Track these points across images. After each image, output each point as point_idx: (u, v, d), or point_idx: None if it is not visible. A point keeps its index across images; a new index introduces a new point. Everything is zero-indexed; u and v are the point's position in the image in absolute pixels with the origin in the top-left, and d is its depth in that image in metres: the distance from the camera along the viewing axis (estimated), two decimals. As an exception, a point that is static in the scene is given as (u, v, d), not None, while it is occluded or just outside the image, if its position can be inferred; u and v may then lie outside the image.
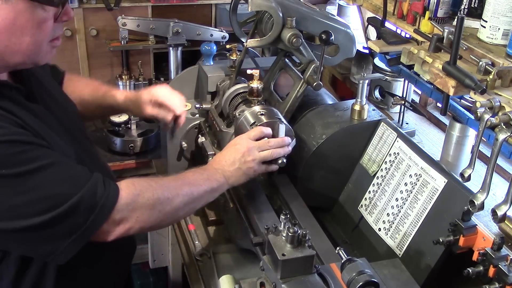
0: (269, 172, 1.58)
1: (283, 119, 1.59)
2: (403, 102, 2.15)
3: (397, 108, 2.27)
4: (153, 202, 1.25)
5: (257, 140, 1.51)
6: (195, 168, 1.50)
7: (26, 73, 1.24)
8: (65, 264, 1.17)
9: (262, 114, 1.59)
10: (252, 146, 1.49)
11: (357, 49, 1.91)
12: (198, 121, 1.96)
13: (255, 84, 1.65)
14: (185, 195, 1.33)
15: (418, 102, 2.39)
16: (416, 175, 1.54)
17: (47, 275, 1.27)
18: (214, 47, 2.48)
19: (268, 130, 1.54)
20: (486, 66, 1.35)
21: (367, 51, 2.33)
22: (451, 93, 1.39)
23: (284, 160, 1.53)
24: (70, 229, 1.12)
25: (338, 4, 2.67)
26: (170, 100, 1.65)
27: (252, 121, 1.58)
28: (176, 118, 1.68)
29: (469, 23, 1.52)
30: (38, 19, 1.09)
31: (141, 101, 1.64)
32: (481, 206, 1.23)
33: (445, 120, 2.19)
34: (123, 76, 2.59)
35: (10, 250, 1.20)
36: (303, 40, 1.68)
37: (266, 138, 1.53)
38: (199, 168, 1.48)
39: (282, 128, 1.54)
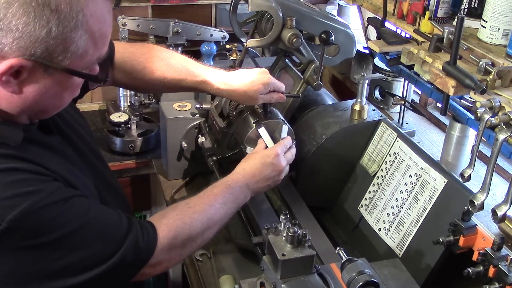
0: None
1: (284, 120, 1.59)
2: (403, 102, 2.15)
3: (397, 108, 2.27)
4: (186, 241, 1.25)
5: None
6: (223, 182, 1.40)
7: None
8: None
9: (262, 114, 1.59)
10: (286, 163, 1.49)
11: (357, 49, 1.91)
12: (198, 121, 1.96)
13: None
14: (216, 224, 1.31)
15: (418, 102, 2.39)
16: (416, 175, 1.54)
17: None
18: (214, 47, 2.50)
19: (290, 142, 1.54)
20: (486, 66, 1.35)
21: (367, 51, 2.32)
22: (451, 93, 1.39)
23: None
24: (112, 281, 1.14)
25: (338, 4, 2.67)
26: (281, 86, 1.59)
27: (252, 121, 1.58)
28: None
29: (469, 23, 1.52)
30: (74, 85, 1.09)
31: (252, 92, 1.53)
32: (481, 206, 1.23)
33: (445, 120, 2.19)
34: (123, 76, 2.59)
35: None
36: (303, 40, 1.68)
37: (291, 149, 1.53)
38: (227, 183, 1.39)
39: (285, 130, 1.55)
